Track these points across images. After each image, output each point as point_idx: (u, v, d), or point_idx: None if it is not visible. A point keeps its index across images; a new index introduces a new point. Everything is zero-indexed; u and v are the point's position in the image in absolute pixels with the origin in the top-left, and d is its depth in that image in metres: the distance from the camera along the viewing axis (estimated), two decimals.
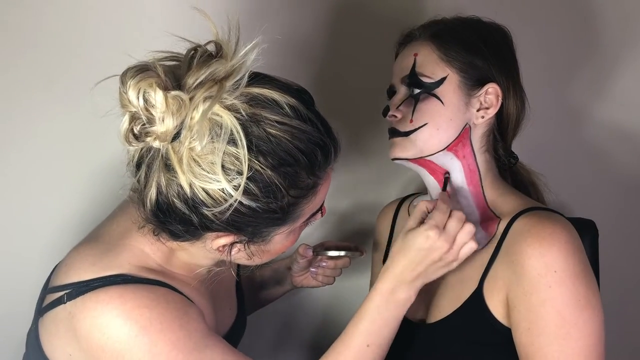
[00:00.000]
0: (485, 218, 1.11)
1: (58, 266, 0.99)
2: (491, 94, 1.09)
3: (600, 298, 1.00)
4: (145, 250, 0.97)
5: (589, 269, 1.00)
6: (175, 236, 0.92)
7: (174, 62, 0.85)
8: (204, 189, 0.84)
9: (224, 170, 0.83)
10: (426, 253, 1.00)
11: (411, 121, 1.09)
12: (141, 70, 0.81)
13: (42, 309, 0.96)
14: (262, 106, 0.85)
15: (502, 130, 1.14)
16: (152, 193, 0.88)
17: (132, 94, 0.80)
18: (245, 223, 0.88)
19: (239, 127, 0.82)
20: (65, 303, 0.91)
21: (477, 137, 1.12)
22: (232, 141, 0.82)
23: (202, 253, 0.97)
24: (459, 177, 1.12)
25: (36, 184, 1.31)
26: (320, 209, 0.99)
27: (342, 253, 1.23)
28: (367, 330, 0.98)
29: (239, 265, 1.21)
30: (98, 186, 1.31)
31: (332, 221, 1.49)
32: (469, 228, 1.01)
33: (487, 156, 1.13)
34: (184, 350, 0.89)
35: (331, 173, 0.96)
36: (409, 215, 1.27)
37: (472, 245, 1.02)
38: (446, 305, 1.10)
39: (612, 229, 1.33)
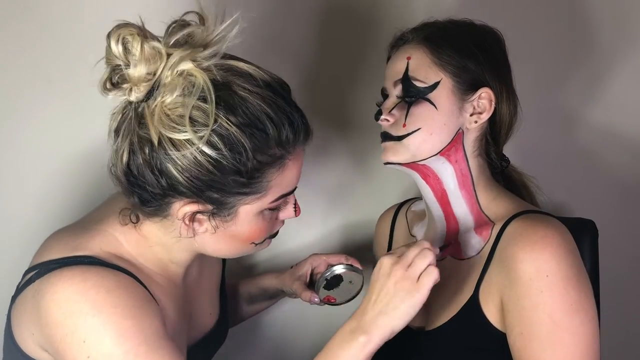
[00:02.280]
0: (479, 223, 1.11)
1: (37, 251, 1.01)
2: (484, 99, 1.09)
3: (593, 301, 1.00)
4: (119, 238, 0.98)
5: (582, 273, 1.00)
6: (145, 203, 0.93)
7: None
8: (170, 140, 0.86)
9: (192, 122, 0.86)
10: (381, 283, 0.94)
11: (404, 125, 1.08)
12: (125, 24, 0.86)
13: (15, 294, 0.98)
14: (236, 75, 0.89)
15: (494, 134, 1.14)
16: (124, 153, 0.90)
17: (113, 41, 0.85)
18: (209, 184, 0.89)
19: (210, 85, 0.85)
20: (33, 282, 0.93)
21: (470, 141, 1.11)
22: (202, 98, 0.86)
23: (174, 239, 0.97)
24: (451, 182, 1.11)
25: (19, 179, 1.31)
26: (293, 198, 1.00)
27: (344, 272, 1.20)
28: None
29: (224, 271, 1.22)
30: (85, 180, 1.31)
31: (330, 229, 1.49)
32: (427, 253, 0.94)
33: (479, 160, 1.13)
34: (132, 340, 0.88)
35: (302, 155, 0.96)
36: (406, 220, 1.27)
37: (433, 271, 0.93)
38: (444, 312, 1.10)
39: (608, 230, 1.31)
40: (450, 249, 1.13)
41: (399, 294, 0.93)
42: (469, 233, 1.11)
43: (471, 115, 1.09)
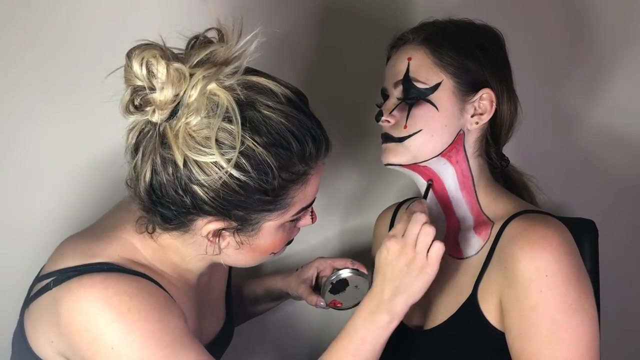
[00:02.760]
0: (479, 222, 1.11)
1: (50, 257, 1.01)
2: (485, 100, 1.09)
3: (594, 301, 0.99)
4: (136, 244, 0.98)
5: (582, 272, 1.00)
6: (167, 220, 0.93)
7: (178, 51, 0.89)
8: (197, 162, 0.86)
9: (218, 144, 0.85)
10: (393, 265, 0.98)
11: (405, 127, 1.08)
12: (147, 46, 0.85)
13: (28, 299, 0.98)
14: (258, 92, 0.89)
15: (495, 135, 1.14)
16: (147, 173, 0.89)
17: (136, 64, 0.84)
18: (235, 203, 0.90)
19: (234, 105, 0.85)
20: (51, 289, 0.93)
21: (471, 142, 1.11)
22: (227, 118, 0.85)
23: (193, 250, 0.98)
24: (452, 182, 1.11)
25: (31, 183, 1.31)
26: (311, 208, 1.00)
27: (350, 277, 1.21)
28: (345, 349, 0.98)
29: (230, 274, 1.22)
30: (97, 184, 1.31)
31: (330, 229, 1.49)
32: (428, 229, 0.98)
33: (480, 161, 1.13)
34: (158, 343, 0.90)
35: (322, 168, 0.97)
36: None
37: (438, 246, 0.98)
38: (442, 312, 1.10)
39: (608, 230, 1.32)
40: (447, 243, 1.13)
41: (413, 273, 0.97)
42: (468, 233, 1.11)
43: (472, 116, 1.09)
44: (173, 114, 0.86)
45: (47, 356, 0.95)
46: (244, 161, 0.87)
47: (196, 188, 0.88)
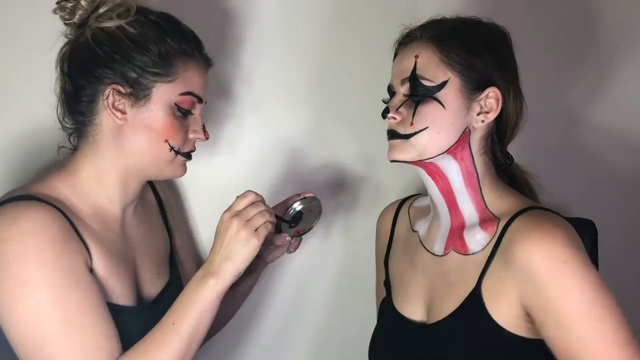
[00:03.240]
0: (484, 219, 1.11)
1: None
2: (492, 98, 1.09)
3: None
4: (57, 184, 1.09)
5: (589, 261, 1.01)
6: (80, 113, 1.10)
7: None
8: (102, 29, 1.09)
9: (118, 16, 1.09)
10: (224, 234, 1.06)
11: (412, 124, 1.08)
12: None
13: None
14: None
15: (500, 133, 1.14)
16: (66, 63, 1.11)
17: None
18: (129, 60, 1.07)
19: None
20: None
21: (476, 140, 1.12)
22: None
23: (102, 158, 1.10)
24: (457, 179, 1.12)
25: None
26: (199, 102, 1.13)
27: (302, 207, 1.23)
28: (175, 310, 1.05)
29: (172, 241, 1.30)
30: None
31: (334, 226, 1.50)
32: (266, 214, 1.07)
33: (485, 158, 1.13)
34: (48, 270, 0.98)
35: (203, 69, 1.14)
36: (408, 216, 1.27)
37: (268, 226, 1.06)
38: (446, 307, 1.11)
39: (608, 230, 1.32)
40: (451, 243, 1.14)
41: (240, 242, 1.05)
42: (474, 229, 1.12)
43: (478, 114, 1.10)
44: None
45: None
46: (135, 25, 1.08)
47: (99, 51, 1.07)
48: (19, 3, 1.27)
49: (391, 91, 1.15)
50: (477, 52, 1.09)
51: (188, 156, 1.15)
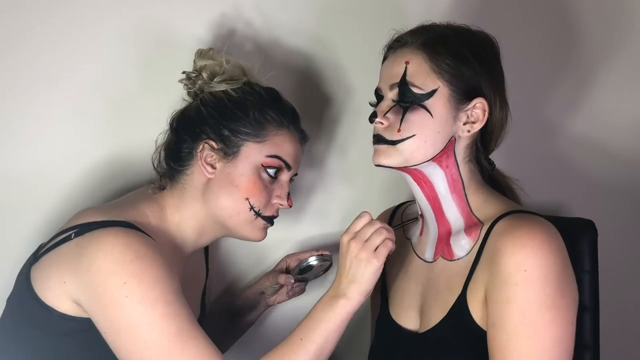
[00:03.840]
0: (469, 224, 1.12)
1: (67, 221, 1.15)
2: (478, 109, 1.09)
3: (572, 302, 1.01)
4: (146, 211, 1.16)
5: (564, 271, 1.01)
6: (176, 160, 1.18)
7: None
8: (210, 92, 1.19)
9: (227, 82, 1.20)
10: (345, 257, 1.07)
11: (399, 130, 1.08)
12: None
13: (37, 256, 1.12)
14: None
15: (484, 142, 1.15)
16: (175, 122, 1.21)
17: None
18: (224, 119, 1.16)
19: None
20: (72, 239, 1.08)
21: (461, 148, 1.12)
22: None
23: (187, 201, 1.18)
24: (442, 186, 1.12)
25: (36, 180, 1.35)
26: (287, 169, 1.19)
27: (316, 263, 1.28)
28: (304, 326, 1.08)
29: (205, 286, 1.34)
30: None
31: (329, 232, 1.49)
32: (383, 231, 1.07)
33: (470, 166, 1.14)
34: (163, 288, 1.04)
35: (296, 139, 1.20)
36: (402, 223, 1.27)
37: (388, 245, 1.07)
38: (435, 314, 1.11)
39: (608, 230, 1.32)
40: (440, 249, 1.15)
41: (361, 263, 1.06)
42: (459, 234, 1.12)
43: (464, 124, 1.10)
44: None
45: (53, 298, 1.07)
46: (238, 91, 1.18)
47: (204, 110, 1.17)
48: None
49: (379, 95, 1.15)
50: (466, 62, 1.09)
51: (270, 221, 1.20)
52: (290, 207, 1.21)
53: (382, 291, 1.26)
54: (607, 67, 1.52)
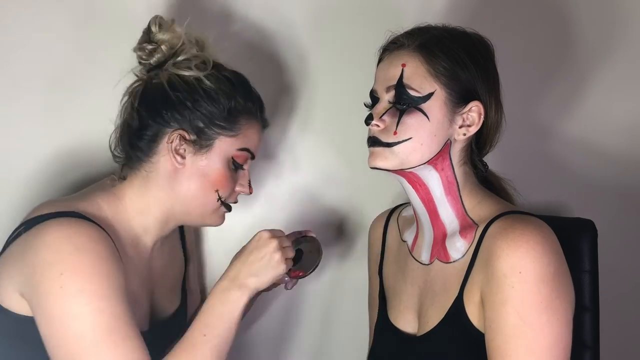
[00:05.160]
0: (464, 226, 1.12)
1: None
2: (474, 112, 1.09)
3: (568, 303, 1.01)
4: (100, 203, 1.14)
5: (560, 272, 1.01)
6: (138, 149, 1.14)
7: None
8: (179, 76, 1.15)
9: (197, 67, 1.15)
10: (256, 252, 1.10)
11: (395, 133, 1.08)
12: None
13: None
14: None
15: (479, 144, 1.14)
16: (137, 100, 1.15)
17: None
18: (199, 110, 1.13)
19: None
20: (21, 235, 1.07)
21: (456, 151, 1.12)
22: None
23: (148, 192, 1.15)
24: (437, 188, 1.12)
25: None
26: (252, 157, 1.19)
27: (303, 247, 1.25)
28: (203, 322, 1.08)
29: (186, 269, 1.33)
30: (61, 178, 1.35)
31: (326, 234, 1.49)
32: (289, 250, 1.12)
33: (465, 168, 1.14)
34: (101, 283, 1.02)
35: (260, 129, 1.20)
36: (398, 226, 1.27)
37: (289, 264, 1.12)
38: (432, 316, 1.11)
39: (608, 230, 1.32)
40: (435, 252, 1.14)
41: (272, 262, 1.09)
42: (455, 237, 1.12)
43: (460, 127, 1.10)
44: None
45: (6, 297, 1.06)
46: (210, 79, 1.14)
47: (172, 95, 1.12)
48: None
49: (374, 96, 1.14)
50: (463, 65, 1.08)
51: (229, 207, 1.20)
52: (251, 194, 1.22)
53: (380, 294, 1.26)
54: (602, 68, 1.53)
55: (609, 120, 1.54)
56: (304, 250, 1.23)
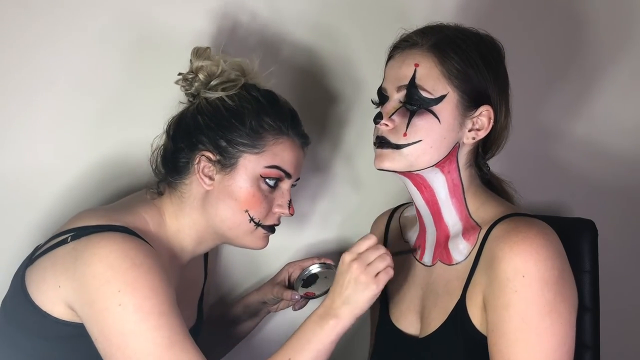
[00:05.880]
0: (467, 228, 1.11)
1: (64, 224, 1.13)
2: (484, 117, 1.08)
3: (572, 306, 1.01)
4: (145, 216, 1.15)
5: (563, 275, 1.01)
6: (174, 168, 1.16)
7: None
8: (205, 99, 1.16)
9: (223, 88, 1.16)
10: (344, 277, 1.04)
11: (405, 134, 1.07)
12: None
13: (33, 258, 1.11)
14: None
15: (486, 147, 1.14)
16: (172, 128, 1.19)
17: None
18: (221, 129, 1.13)
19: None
20: (68, 243, 1.06)
21: (464, 154, 1.11)
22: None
23: (185, 209, 1.16)
24: (442, 190, 1.12)
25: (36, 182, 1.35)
26: (287, 177, 1.16)
27: (319, 271, 1.26)
28: (291, 345, 1.06)
29: (203, 290, 1.33)
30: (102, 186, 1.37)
31: (327, 234, 1.50)
32: (386, 257, 1.05)
33: (471, 170, 1.13)
34: (159, 298, 1.02)
35: (297, 145, 1.17)
36: (399, 226, 1.27)
37: (389, 272, 1.04)
38: (435, 318, 1.11)
39: (608, 230, 1.32)
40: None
41: (359, 287, 1.03)
42: (457, 239, 1.12)
43: (470, 130, 1.09)
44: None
45: (47, 302, 1.06)
46: (234, 98, 1.14)
47: (200, 119, 1.14)
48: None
49: (383, 95, 1.12)
50: (476, 68, 1.07)
51: (271, 229, 1.18)
52: (292, 215, 1.19)
53: (382, 295, 1.24)
54: (609, 70, 1.53)
55: (615, 121, 1.54)
56: (319, 275, 1.25)
